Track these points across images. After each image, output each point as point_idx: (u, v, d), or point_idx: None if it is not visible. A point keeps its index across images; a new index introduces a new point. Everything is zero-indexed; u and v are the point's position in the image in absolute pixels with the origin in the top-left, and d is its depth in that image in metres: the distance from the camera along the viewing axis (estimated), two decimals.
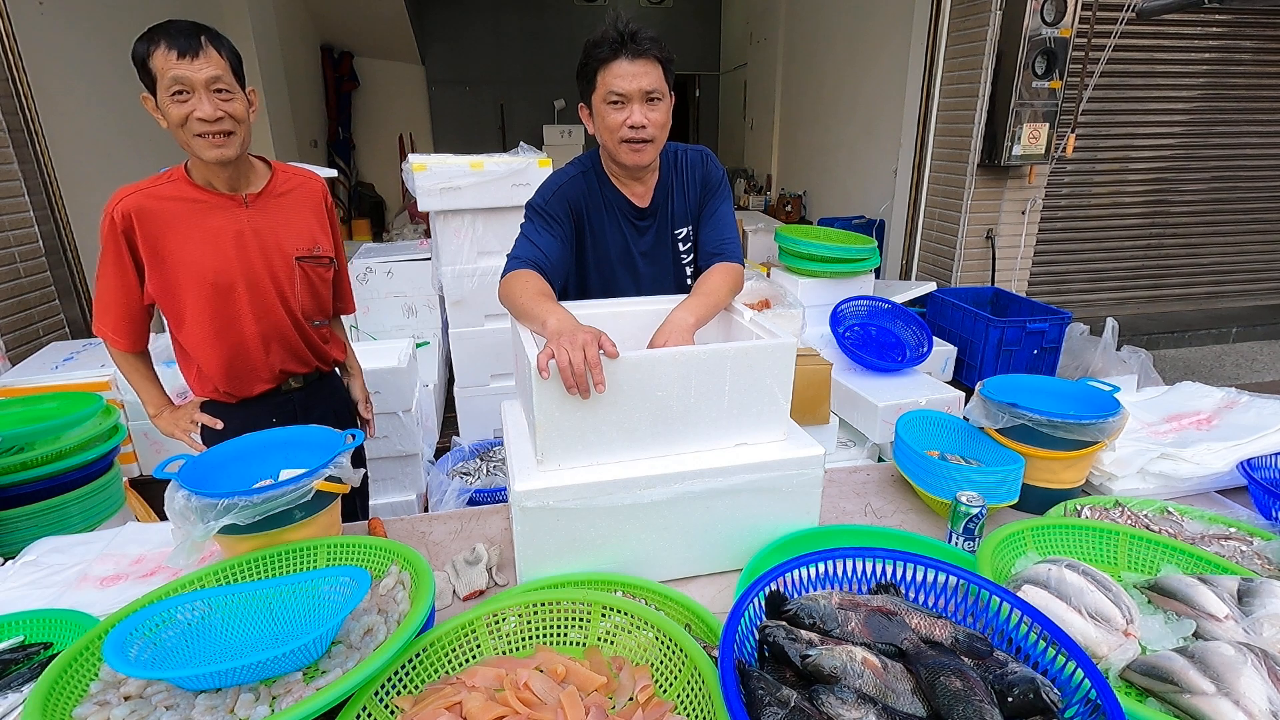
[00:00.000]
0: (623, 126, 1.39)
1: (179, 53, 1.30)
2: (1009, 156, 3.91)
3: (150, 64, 1.31)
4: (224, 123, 1.36)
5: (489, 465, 2.61)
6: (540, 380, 1.08)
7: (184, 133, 1.36)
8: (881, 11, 5.12)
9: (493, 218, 3.04)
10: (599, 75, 1.39)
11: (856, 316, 3.19)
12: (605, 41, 1.36)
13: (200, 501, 1.00)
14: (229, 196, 1.48)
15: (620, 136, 1.40)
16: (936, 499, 1.40)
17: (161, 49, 1.30)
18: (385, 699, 0.88)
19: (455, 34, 9.01)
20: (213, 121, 1.35)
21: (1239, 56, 4.47)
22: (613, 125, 1.40)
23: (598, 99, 1.41)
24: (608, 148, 1.45)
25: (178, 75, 1.31)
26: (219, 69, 1.34)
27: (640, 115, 1.38)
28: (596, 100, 1.41)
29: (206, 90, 1.33)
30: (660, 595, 1.09)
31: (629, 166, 1.46)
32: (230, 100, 1.37)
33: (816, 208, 6.63)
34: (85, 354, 2.76)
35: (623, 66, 1.36)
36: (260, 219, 1.51)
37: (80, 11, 3.65)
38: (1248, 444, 1.51)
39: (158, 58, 1.30)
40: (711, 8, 9.61)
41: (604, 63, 1.37)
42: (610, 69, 1.37)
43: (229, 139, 1.39)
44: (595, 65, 1.38)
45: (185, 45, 1.31)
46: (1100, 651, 0.93)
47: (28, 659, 1.00)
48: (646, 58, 1.36)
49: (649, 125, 1.39)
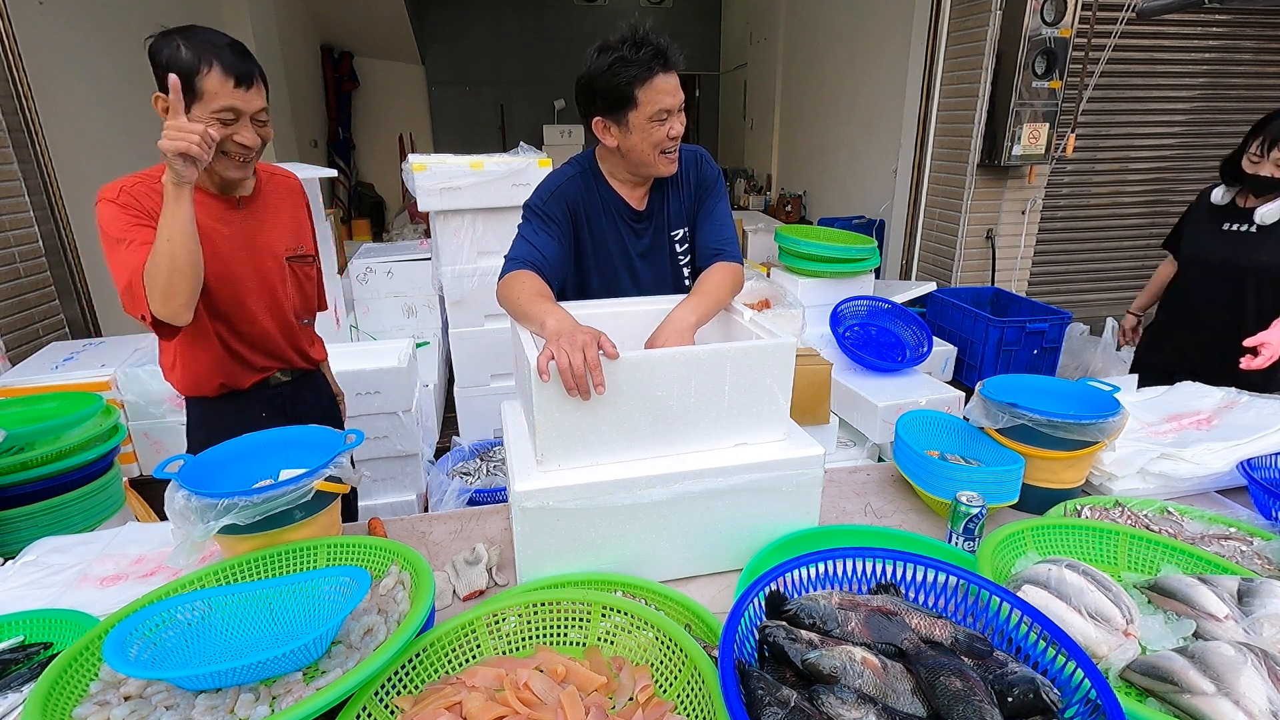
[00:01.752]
0: (665, 139, 1.40)
1: (235, 81, 1.31)
2: (1009, 156, 3.90)
3: (200, 83, 1.30)
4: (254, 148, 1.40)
5: (489, 465, 2.61)
6: (540, 381, 1.08)
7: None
8: (881, 11, 5.12)
9: (493, 218, 3.04)
10: (639, 92, 1.35)
11: (856, 316, 3.19)
12: (643, 59, 1.33)
13: (200, 501, 1.00)
14: (223, 199, 1.49)
15: (662, 149, 1.42)
16: (936, 499, 1.40)
17: (218, 73, 1.29)
18: (385, 699, 0.88)
19: (455, 34, 9.01)
20: (248, 148, 1.38)
21: (1239, 56, 4.47)
22: (658, 140, 1.40)
23: (640, 117, 1.37)
24: (643, 160, 1.44)
25: (231, 105, 1.32)
26: (262, 100, 1.38)
27: (679, 125, 1.40)
28: (638, 118, 1.38)
29: (252, 120, 1.37)
30: (660, 595, 1.09)
31: (665, 175, 1.48)
32: (264, 127, 1.40)
33: (816, 208, 6.63)
34: (85, 354, 2.75)
35: (666, 82, 1.36)
36: (252, 220, 1.52)
37: (80, 11, 3.65)
38: (1248, 444, 1.51)
39: (212, 80, 1.29)
40: (711, 8, 9.61)
41: (644, 80, 1.34)
42: (653, 86, 1.35)
43: (251, 160, 1.43)
44: (633, 82, 1.35)
45: (242, 74, 1.32)
46: (1100, 651, 0.93)
47: (28, 659, 1.00)
48: (675, 67, 1.37)
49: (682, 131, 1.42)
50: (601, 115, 1.43)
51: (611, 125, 1.43)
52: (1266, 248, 2.19)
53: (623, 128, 1.41)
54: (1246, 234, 2.22)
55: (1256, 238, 2.21)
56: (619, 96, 1.37)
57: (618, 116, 1.40)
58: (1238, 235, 2.25)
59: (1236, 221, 2.25)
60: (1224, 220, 2.28)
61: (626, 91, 1.36)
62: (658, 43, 1.34)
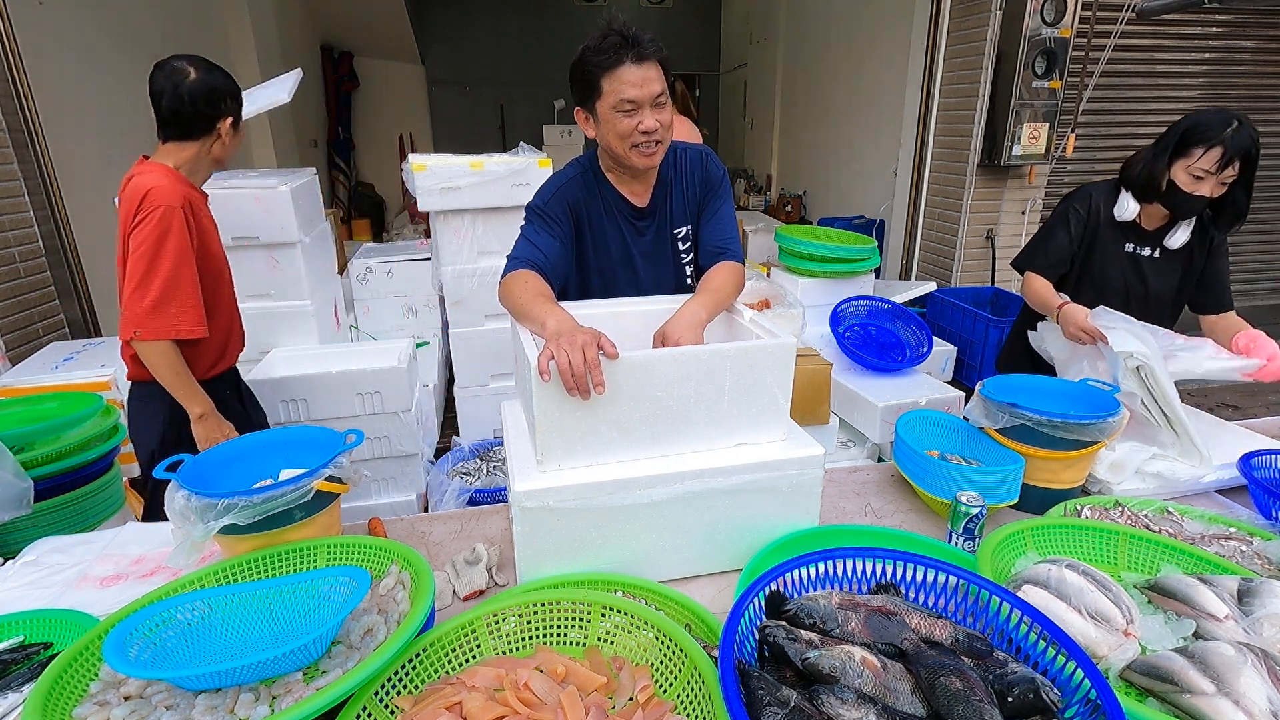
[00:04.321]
0: (634, 132, 1.37)
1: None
2: (1009, 156, 3.91)
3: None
4: None
5: (489, 465, 2.61)
6: (540, 381, 1.08)
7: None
8: (881, 11, 5.12)
9: (493, 218, 3.04)
10: (604, 82, 1.35)
11: (856, 316, 3.19)
12: (608, 47, 1.33)
13: (200, 501, 1.00)
14: (203, 194, 1.75)
15: (631, 142, 1.39)
16: (936, 499, 1.40)
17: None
18: (385, 699, 0.88)
19: (455, 34, 9.01)
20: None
21: (1239, 56, 4.47)
22: (624, 132, 1.38)
23: (605, 106, 1.37)
24: (614, 152, 1.43)
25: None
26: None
27: (651, 120, 1.37)
28: (603, 107, 1.38)
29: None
30: (660, 595, 1.09)
31: (640, 169, 1.46)
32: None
33: (816, 208, 6.63)
34: (85, 354, 2.75)
35: (631, 73, 1.33)
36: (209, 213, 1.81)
37: (80, 11, 3.65)
38: None
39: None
40: (711, 8, 9.62)
41: (608, 69, 1.34)
42: (617, 75, 1.34)
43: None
44: (598, 71, 1.35)
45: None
46: (1100, 651, 0.93)
47: (28, 659, 1.00)
48: (650, 60, 1.35)
49: (659, 128, 1.38)
50: (580, 105, 1.45)
51: (588, 116, 1.44)
52: (1165, 274, 1.90)
53: (595, 119, 1.43)
54: (1150, 259, 1.90)
55: (1158, 263, 1.90)
56: (588, 85, 1.38)
57: (590, 107, 1.42)
58: (1140, 260, 1.91)
59: (1138, 243, 1.90)
60: (1125, 240, 1.91)
61: (592, 79, 1.37)
62: (625, 32, 1.33)
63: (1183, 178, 1.71)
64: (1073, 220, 1.93)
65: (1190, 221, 1.84)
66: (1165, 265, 1.90)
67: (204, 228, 1.74)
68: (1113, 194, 1.91)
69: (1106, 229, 1.92)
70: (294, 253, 2.65)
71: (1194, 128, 1.69)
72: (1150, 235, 1.89)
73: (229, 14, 5.43)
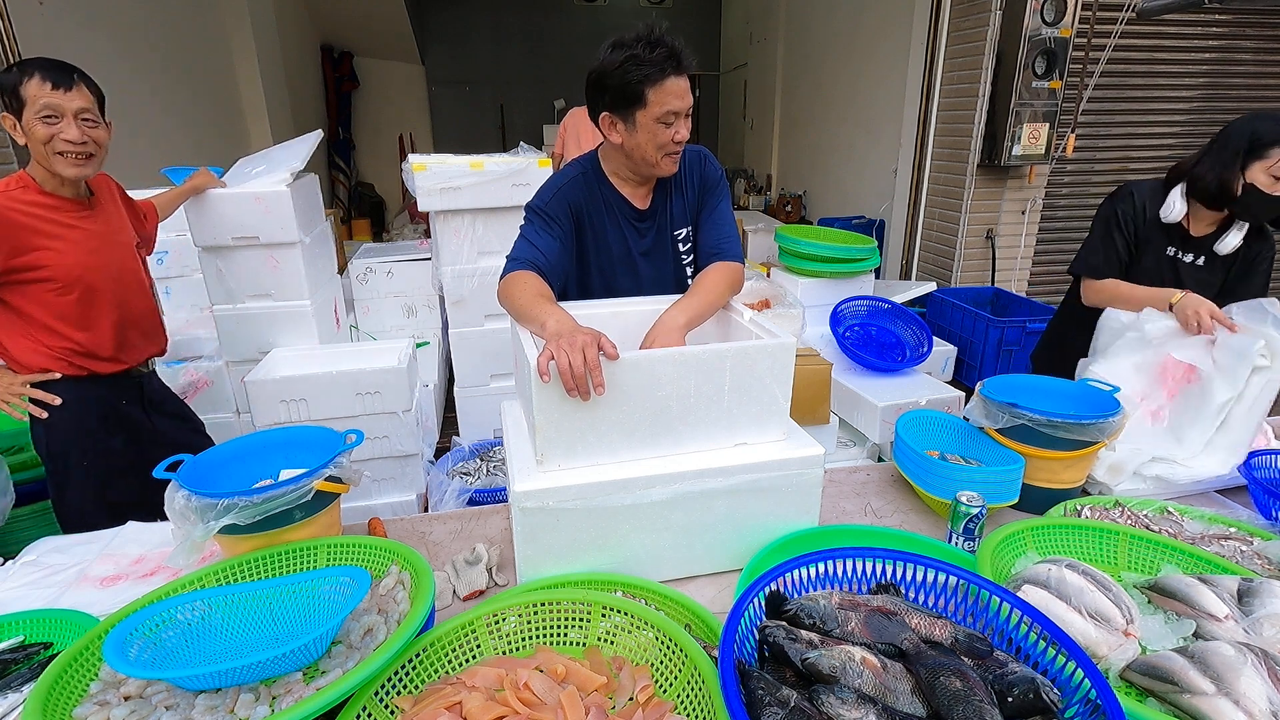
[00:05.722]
0: (670, 142, 1.40)
1: (53, 85, 1.53)
2: (1009, 156, 3.91)
3: (22, 91, 1.52)
4: (84, 145, 1.60)
5: (489, 465, 2.61)
6: (540, 382, 1.08)
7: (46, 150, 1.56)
8: (881, 11, 5.12)
9: (493, 218, 3.04)
10: (649, 93, 1.35)
11: (856, 316, 3.19)
12: (657, 59, 1.34)
13: (200, 501, 1.00)
14: (74, 202, 1.69)
15: (666, 151, 1.42)
16: (936, 499, 1.40)
17: (35, 80, 1.52)
18: (385, 699, 0.88)
19: (455, 34, 9.01)
20: (75, 144, 1.57)
21: (1239, 56, 4.47)
22: (663, 141, 1.40)
23: (648, 116, 1.38)
24: (647, 159, 1.44)
25: (50, 103, 1.53)
26: (85, 101, 1.58)
27: (685, 129, 1.41)
28: (645, 117, 1.38)
29: (79, 119, 1.57)
30: (660, 595, 1.09)
31: (667, 175, 1.50)
32: (94, 128, 1.61)
33: (816, 208, 6.63)
34: None
35: (677, 85, 1.36)
36: (101, 218, 1.76)
37: (80, 11, 3.64)
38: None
39: (31, 86, 1.52)
40: (711, 8, 9.61)
41: (655, 81, 1.34)
42: (664, 87, 1.35)
43: (88, 159, 1.62)
44: (644, 82, 1.35)
45: (58, 80, 1.54)
46: (1100, 651, 0.93)
47: (28, 659, 1.00)
48: (686, 71, 1.38)
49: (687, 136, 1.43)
50: (609, 111, 1.43)
51: (618, 122, 1.43)
52: (1203, 283, 1.80)
53: (629, 126, 1.41)
54: (1190, 265, 1.83)
55: (1198, 271, 1.82)
56: (629, 94, 1.37)
57: (625, 114, 1.40)
58: (1179, 265, 1.84)
59: (1181, 248, 1.84)
60: (1169, 244, 1.85)
61: (637, 90, 1.36)
62: (672, 45, 1.35)
63: (1263, 179, 1.66)
64: (1124, 221, 1.89)
65: (1244, 227, 1.78)
66: (1205, 274, 1.84)
67: (34, 229, 1.63)
68: (1159, 194, 1.84)
69: (1151, 229, 1.86)
70: (294, 253, 2.65)
71: (1265, 130, 1.66)
72: (1194, 241, 1.83)
73: (229, 14, 5.43)
